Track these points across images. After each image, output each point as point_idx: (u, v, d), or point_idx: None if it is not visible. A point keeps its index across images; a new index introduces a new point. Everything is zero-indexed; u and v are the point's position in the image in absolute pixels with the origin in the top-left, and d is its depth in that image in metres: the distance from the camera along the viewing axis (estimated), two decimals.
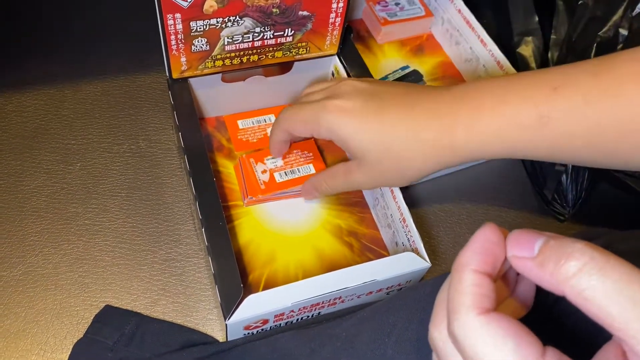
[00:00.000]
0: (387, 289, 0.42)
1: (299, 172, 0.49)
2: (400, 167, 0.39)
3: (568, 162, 0.37)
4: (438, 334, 0.24)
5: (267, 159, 0.49)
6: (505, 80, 0.36)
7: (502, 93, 0.35)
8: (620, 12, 0.50)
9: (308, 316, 0.42)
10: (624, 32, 0.50)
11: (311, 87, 0.45)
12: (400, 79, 0.58)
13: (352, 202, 0.50)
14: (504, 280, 0.26)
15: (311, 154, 0.50)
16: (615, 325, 0.20)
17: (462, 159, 0.37)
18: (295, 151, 0.50)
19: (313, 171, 0.49)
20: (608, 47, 0.50)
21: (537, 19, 0.55)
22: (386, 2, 0.61)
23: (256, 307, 0.37)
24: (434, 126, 0.37)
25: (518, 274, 0.27)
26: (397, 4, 0.61)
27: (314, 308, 0.41)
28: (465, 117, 0.36)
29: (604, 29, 0.50)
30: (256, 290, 0.43)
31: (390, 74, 0.58)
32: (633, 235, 0.32)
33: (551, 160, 0.36)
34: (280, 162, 0.49)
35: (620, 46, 0.50)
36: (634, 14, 0.50)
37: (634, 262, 0.21)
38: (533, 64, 0.54)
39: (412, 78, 0.58)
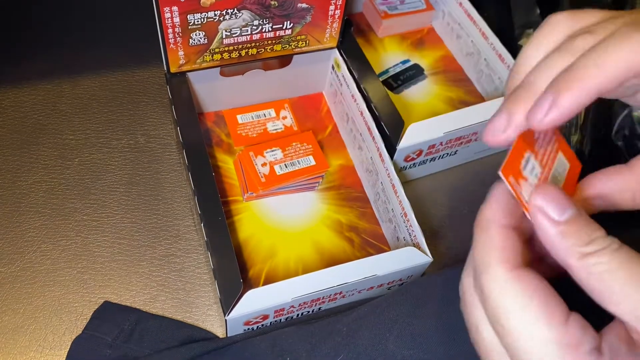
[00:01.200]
0: (388, 284, 0.42)
1: (299, 164, 0.49)
2: None
3: None
4: (468, 281, 0.24)
5: (267, 152, 0.49)
6: None
7: None
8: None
9: (308, 311, 0.42)
10: None
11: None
12: (401, 73, 0.57)
13: (353, 197, 0.50)
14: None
15: (310, 146, 0.50)
16: (619, 307, 0.20)
17: None
18: (294, 143, 0.50)
19: (313, 163, 0.49)
20: None
21: (538, 11, 0.54)
22: None
23: (256, 302, 0.37)
24: None
25: None
26: None
27: (314, 303, 0.40)
28: None
29: None
30: (256, 286, 0.43)
31: (390, 67, 0.58)
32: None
33: None
34: (280, 154, 0.49)
35: None
36: None
37: None
38: None
39: (413, 72, 0.58)
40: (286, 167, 0.48)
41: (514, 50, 0.54)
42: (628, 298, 0.20)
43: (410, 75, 0.57)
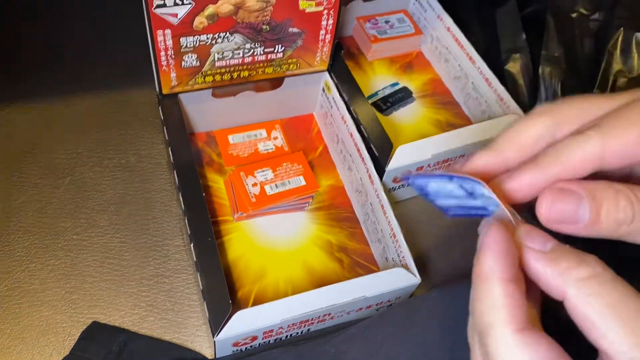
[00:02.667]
0: (376, 305, 0.42)
1: (290, 184, 0.49)
2: None
3: None
4: (472, 337, 0.24)
5: (258, 172, 0.49)
6: None
7: None
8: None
9: (297, 333, 0.42)
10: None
11: None
12: (390, 96, 0.58)
13: (343, 217, 0.50)
14: None
15: (301, 167, 0.51)
16: (606, 340, 0.20)
17: None
18: (285, 164, 0.50)
19: (304, 183, 0.49)
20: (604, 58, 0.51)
21: (524, 36, 0.56)
22: (376, 20, 0.62)
23: (245, 323, 0.37)
24: None
25: None
26: (387, 22, 0.62)
27: (303, 325, 0.41)
28: None
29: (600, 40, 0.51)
30: (245, 307, 0.43)
31: (380, 90, 0.59)
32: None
33: None
34: (270, 174, 0.49)
35: (617, 60, 0.51)
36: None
37: None
38: (521, 81, 0.55)
39: (401, 95, 0.59)
40: (277, 187, 0.49)
41: (501, 74, 0.55)
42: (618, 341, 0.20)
43: (399, 97, 0.58)
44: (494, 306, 0.22)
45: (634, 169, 0.26)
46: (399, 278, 0.40)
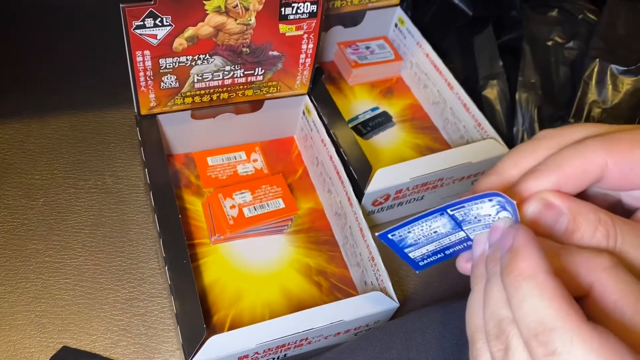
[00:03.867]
0: (355, 329, 0.42)
1: (268, 206, 0.49)
2: None
3: None
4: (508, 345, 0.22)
5: (236, 194, 0.49)
6: None
7: None
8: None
9: (274, 358, 0.41)
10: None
11: None
12: (370, 120, 0.59)
13: (322, 240, 0.50)
14: None
15: (280, 189, 0.50)
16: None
17: None
18: (264, 186, 0.50)
19: (282, 206, 0.49)
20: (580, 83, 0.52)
21: (501, 63, 0.57)
22: (357, 46, 0.63)
23: (219, 348, 0.36)
24: None
25: None
26: (367, 48, 0.63)
27: (279, 350, 0.40)
28: None
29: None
30: (221, 331, 0.42)
31: (360, 114, 0.59)
32: None
33: None
34: (249, 197, 0.49)
35: (593, 90, 0.52)
36: None
37: None
38: (498, 106, 0.56)
39: (381, 119, 0.59)
40: (255, 209, 0.48)
41: (479, 99, 0.56)
42: None
43: (379, 122, 0.59)
44: (552, 299, 0.20)
45: (624, 197, 0.26)
46: (377, 302, 0.40)
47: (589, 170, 0.24)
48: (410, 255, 0.28)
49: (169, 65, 0.43)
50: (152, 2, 0.38)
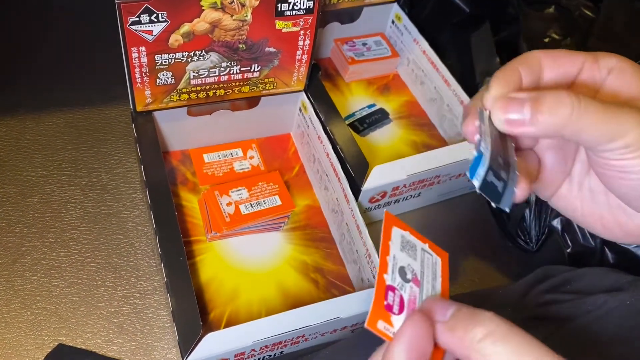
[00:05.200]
0: (351, 326, 0.42)
1: (265, 203, 0.48)
2: None
3: None
4: None
5: (233, 191, 0.49)
6: None
7: None
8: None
9: (270, 355, 0.41)
10: None
11: None
12: (367, 117, 0.59)
13: (319, 237, 0.50)
14: None
15: (277, 186, 0.50)
16: None
17: None
18: (260, 183, 0.50)
19: (279, 203, 0.49)
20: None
21: (498, 59, 0.57)
22: (354, 43, 0.62)
23: (215, 346, 0.36)
24: None
25: None
26: (364, 44, 0.62)
27: (276, 347, 0.40)
28: None
29: None
30: (218, 328, 0.42)
31: (357, 111, 0.59)
32: (589, 271, 0.33)
33: None
34: (245, 194, 0.49)
35: None
36: None
37: (586, 296, 0.22)
38: None
39: (378, 116, 0.59)
40: (252, 206, 0.48)
41: None
42: None
43: (375, 119, 0.59)
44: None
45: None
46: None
47: (530, 63, 0.26)
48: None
49: (165, 62, 0.42)
50: None
